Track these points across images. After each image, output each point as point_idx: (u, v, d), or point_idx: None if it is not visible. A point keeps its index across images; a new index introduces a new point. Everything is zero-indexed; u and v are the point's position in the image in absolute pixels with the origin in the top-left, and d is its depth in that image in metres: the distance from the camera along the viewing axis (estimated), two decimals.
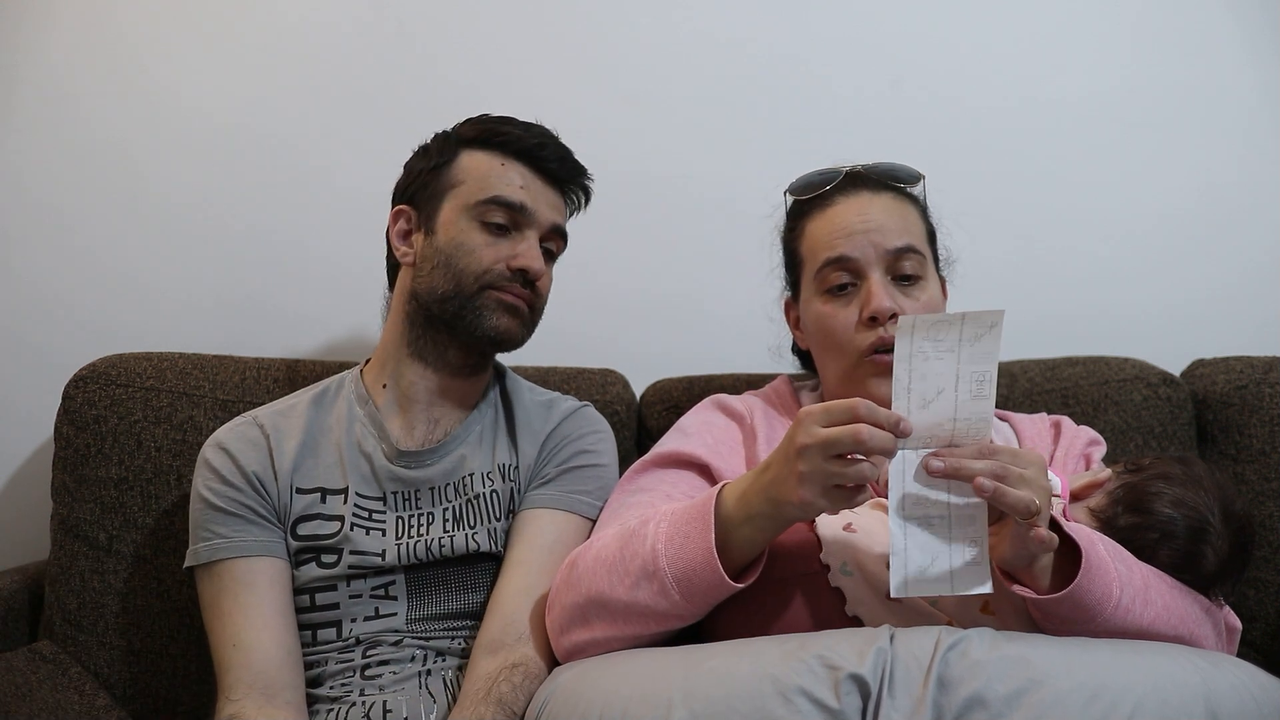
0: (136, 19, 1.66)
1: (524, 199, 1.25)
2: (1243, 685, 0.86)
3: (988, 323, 0.90)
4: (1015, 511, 0.89)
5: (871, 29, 1.78)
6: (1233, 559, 1.07)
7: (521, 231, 1.26)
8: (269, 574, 1.17)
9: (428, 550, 1.21)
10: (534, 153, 1.27)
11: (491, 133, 1.27)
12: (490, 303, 1.24)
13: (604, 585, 1.03)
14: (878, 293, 1.17)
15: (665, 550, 0.99)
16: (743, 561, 1.00)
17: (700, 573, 0.97)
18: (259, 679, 1.12)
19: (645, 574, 1.00)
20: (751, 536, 0.98)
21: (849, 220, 1.21)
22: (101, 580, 1.36)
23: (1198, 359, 1.62)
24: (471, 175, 1.26)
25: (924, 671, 0.83)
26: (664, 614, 1.00)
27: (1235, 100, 1.80)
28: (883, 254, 1.19)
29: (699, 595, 0.98)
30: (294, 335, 1.67)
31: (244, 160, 1.68)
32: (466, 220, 1.25)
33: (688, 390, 1.55)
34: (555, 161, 1.29)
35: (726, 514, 0.99)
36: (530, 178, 1.27)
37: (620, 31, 1.75)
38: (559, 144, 1.30)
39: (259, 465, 1.21)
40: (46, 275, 1.63)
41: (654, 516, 1.04)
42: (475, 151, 1.27)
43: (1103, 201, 1.79)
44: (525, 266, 1.24)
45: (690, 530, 0.99)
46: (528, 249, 1.25)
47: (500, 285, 1.24)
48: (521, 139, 1.27)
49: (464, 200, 1.25)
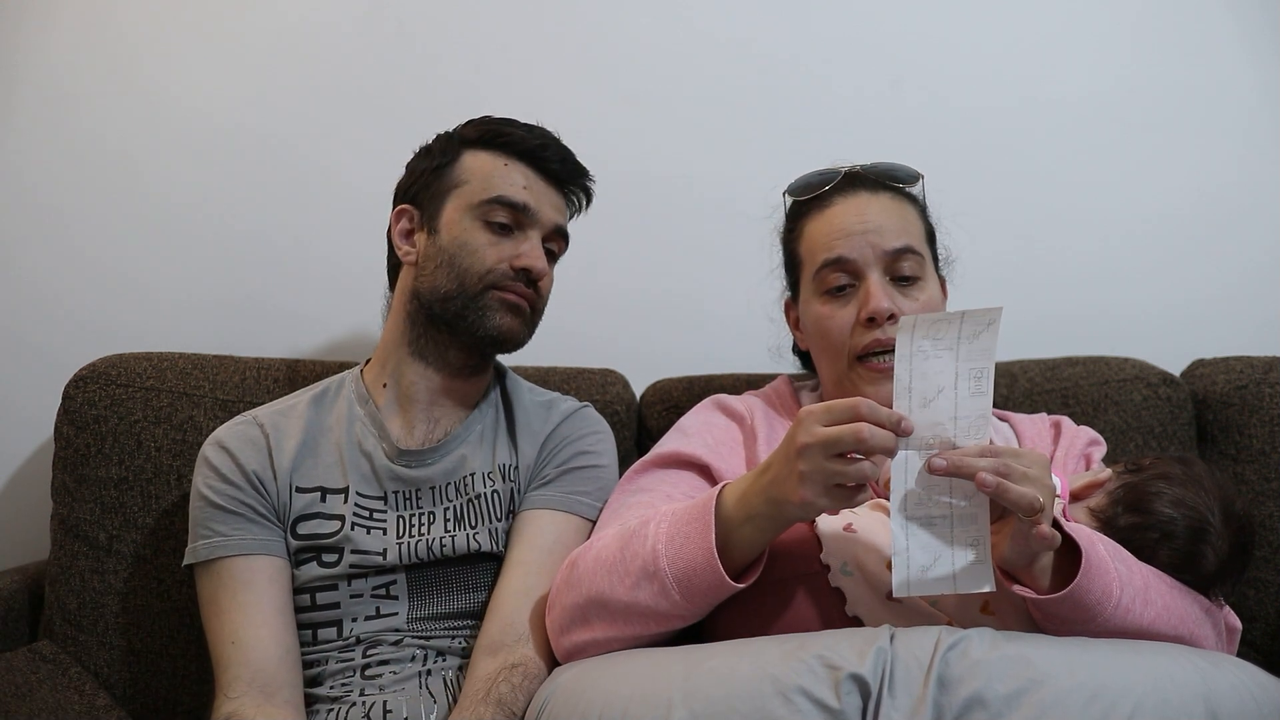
0: (136, 19, 1.66)
1: (527, 199, 1.26)
2: (1243, 685, 0.86)
3: (986, 320, 0.91)
4: (1018, 508, 0.89)
5: (871, 29, 1.78)
6: (1233, 559, 1.07)
7: (524, 231, 1.26)
8: (268, 572, 1.17)
9: (429, 549, 1.21)
10: (537, 153, 1.28)
11: (494, 133, 1.28)
12: (493, 302, 1.24)
13: (604, 586, 1.03)
14: (876, 293, 1.17)
15: (666, 550, 0.99)
16: (743, 562, 1.00)
17: (701, 573, 0.97)
18: (257, 676, 1.11)
19: (646, 574, 1.00)
20: (752, 537, 0.98)
21: (847, 221, 1.21)
22: (101, 580, 1.36)
23: (1198, 359, 1.62)
24: (475, 175, 1.26)
25: (924, 671, 0.83)
26: (664, 614, 1.00)
27: (1235, 100, 1.80)
28: (881, 255, 1.19)
29: (699, 595, 0.98)
30: (294, 335, 1.67)
31: (244, 160, 1.68)
32: (470, 220, 1.25)
33: (688, 390, 1.55)
34: (558, 162, 1.29)
35: (727, 514, 0.99)
36: (533, 178, 1.27)
37: (620, 31, 1.75)
38: (561, 145, 1.30)
39: (258, 464, 1.21)
40: (46, 275, 1.63)
41: (654, 517, 1.04)
42: (478, 152, 1.28)
43: (1103, 201, 1.79)
44: (529, 266, 1.24)
45: (691, 531, 0.99)
46: (531, 249, 1.25)
47: (503, 285, 1.24)
48: (524, 140, 1.27)
49: (467, 200, 1.25)
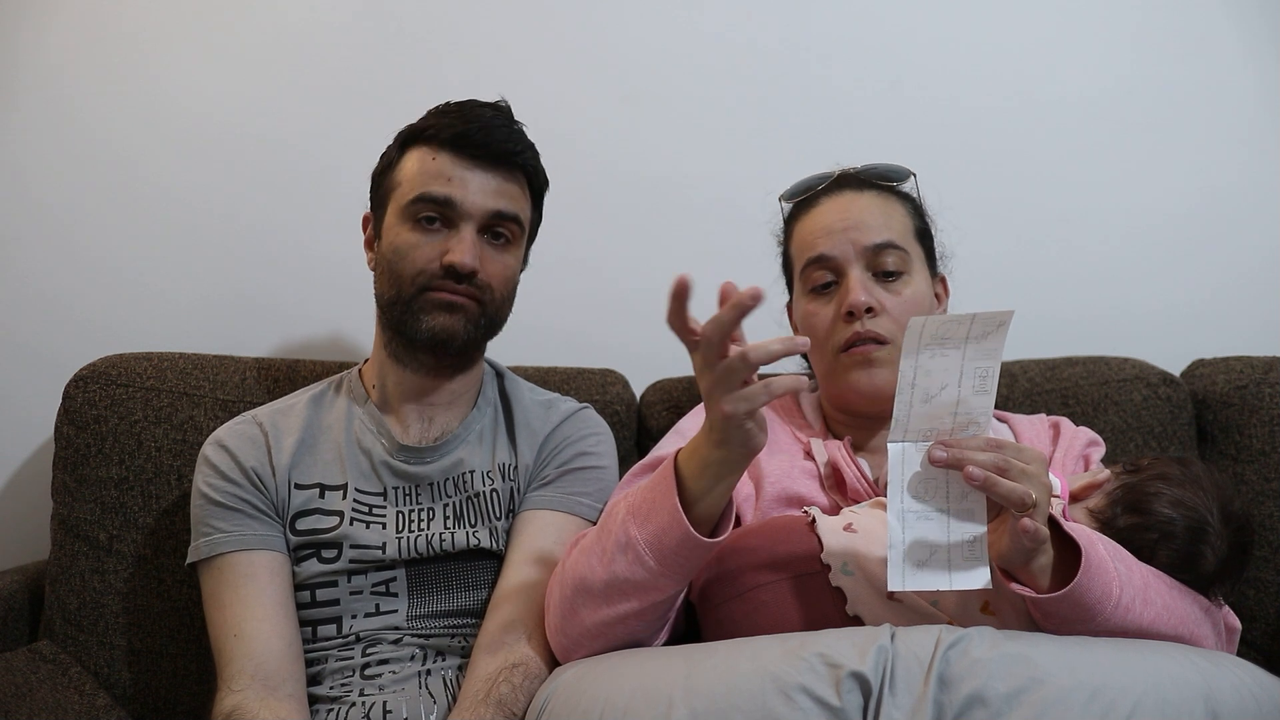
0: (136, 19, 1.66)
1: (449, 192, 1.20)
2: (1243, 684, 0.86)
3: (996, 321, 0.90)
4: (1008, 502, 0.89)
5: (872, 29, 1.78)
6: (1232, 559, 1.07)
7: (455, 226, 1.22)
8: (269, 567, 1.17)
9: (429, 545, 1.21)
10: (461, 139, 1.21)
11: (425, 126, 1.24)
12: (425, 304, 1.21)
13: (584, 570, 1.03)
14: (854, 287, 1.18)
15: (633, 520, 0.99)
16: (711, 517, 0.98)
17: (669, 532, 0.96)
18: (260, 670, 1.12)
19: (619, 547, 1.00)
20: (711, 486, 0.97)
21: (829, 220, 1.23)
22: (101, 580, 1.36)
23: (1198, 359, 1.62)
24: (406, 175, 1.23)
25: (925, 670, 0.84)
26: (642, 584, 0.99)
27: (1235, 100, 1.80)
28: (861, 250, 1.20)
29: (672, 557, 0.97)
30: (294, 335, 1.67)
31: (244, 160, 1.68)
32: (400, 222, 1.22)
33: (688, 390, 1.55)
34: (482, 145, 1.21)
35: (688, 471, 0.98)
36: (457, 167, 1.21)
37: (620, 31, 1.75)
38: (487, 126, 1.22)
39: (257, 461, 1.22)
40: (46, 275, 1.63)
41: (625, 496, 1.05)
42: (413, 149, 1.24)
43: (1103, 201, 1.79)
44: (453, 262, 1.19)
45: (654, 496, 0.99)
46: (458, 243, 1.20)
47: (434, 285, 1.21)
48: (447, 128, 1.21)
49: (399, 202, 1.23)
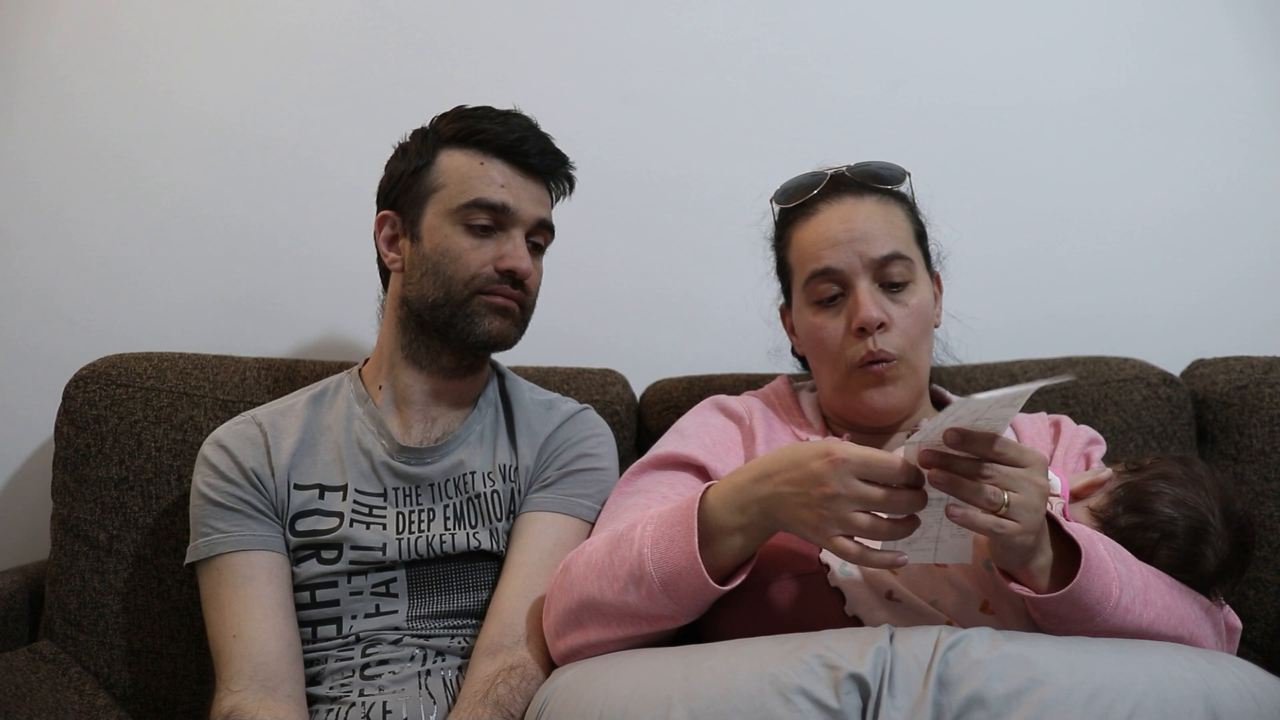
0: (136, 19, 1.66)
1: (506, 198, 1.23)
2: (1242, 684, 0.86)
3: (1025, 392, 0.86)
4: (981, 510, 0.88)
5: (871, 30, 1.78)
6: (1233, 559, 1.07)
7: (506, 231, 1.24)
8: (268, 568, 1.17)
9: (429, 546, 1.21)
10: (514, 148, 1.24)
11: (469, 130, 1.25)
12: (480, 307, 1.23)
13: (594, 589, 1.03)
14: (865, 303, 1.16)
15: (651, 555, 0.99)
16: (731, 564, 1.00)
17: (685, 576, 0.97)
18: (259, 670, 1.12)
19: (633, 578, 1.00)
20: (745, 545, 0.98)
21: (833, 230, 1.20)
22: (101, 580, 1.36)
23: (1198, 359, 1.62)
24: (451, 178, 1.24)
25: (924, 671, 0.83)
26: (656, 616, 1.00)
27: (1235, 101, 1.80)
28: (869, 263, 1.18)
29: (686, 598, 0.98)
30: (294, 335, 1.67)
31: (244, 160, 1.67)
32: (450, 225, 1.23)
33: (688, 390, 1.55)
34: (536, 155, 1.25)
35: (715, 519, 0.98)
36: (511, 175, 1.24)
37: (620, 31, 1.75)
38: (539, 135, 1.27)
39: (256, 462, 1.22)
40: (46, 275, 1.63)
41: (641, 520, 1.04)
42: (454, 151, 1.25)
43: (1103, 202, 1.79)
44: (513, 267, 1.22)
45: (674, 534, 0.99)
46: (514, 249, 1.23)
47: (489, 289, 1.23)
48: (501, 135, 1.24)
49: (446, 204, 1.23)
